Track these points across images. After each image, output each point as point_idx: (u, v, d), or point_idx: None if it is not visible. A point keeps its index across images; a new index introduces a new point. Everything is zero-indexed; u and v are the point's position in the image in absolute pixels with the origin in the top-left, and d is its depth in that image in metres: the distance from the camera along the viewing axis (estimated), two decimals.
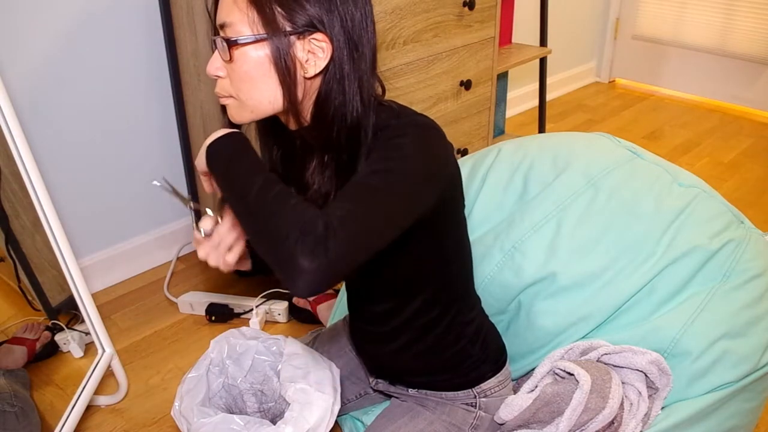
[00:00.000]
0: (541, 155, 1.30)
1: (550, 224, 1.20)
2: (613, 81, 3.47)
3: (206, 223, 0.90)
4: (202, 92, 1.68)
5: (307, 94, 0.87)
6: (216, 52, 0.85)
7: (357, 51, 0.84)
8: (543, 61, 2.38)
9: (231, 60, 0.83)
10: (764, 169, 2.47)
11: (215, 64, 0.86)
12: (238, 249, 0.90)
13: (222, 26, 0.83)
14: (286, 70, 0.82)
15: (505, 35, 2.35)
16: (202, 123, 1.73)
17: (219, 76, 0.87)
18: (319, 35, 0.82)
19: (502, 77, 2.37)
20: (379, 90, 0.92)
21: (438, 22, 1.72)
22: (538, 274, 1.17)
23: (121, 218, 1.84)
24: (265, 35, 0.81)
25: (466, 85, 1.88)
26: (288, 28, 0.81)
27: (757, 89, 2.95)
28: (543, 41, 2.38)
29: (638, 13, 3.23)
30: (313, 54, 0.83)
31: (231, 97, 0.87)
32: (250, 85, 0.84)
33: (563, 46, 3.16)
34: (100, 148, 1.73)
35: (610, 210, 1.19)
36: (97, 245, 1.82)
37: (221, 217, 0.90)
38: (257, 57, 0.82)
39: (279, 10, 0.80)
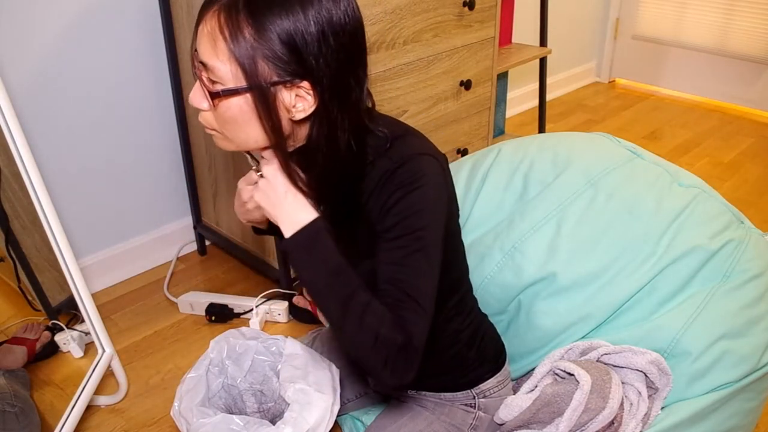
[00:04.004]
0: (541, 155, 1.30)
1: (550, 224, 1.20)
2: (613, 81, 3.47)
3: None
4: None
5: (295, 132, 0.85)
6: (198, 83, 0.82)
7: (347, 93, 0.82)
8: (543, 61, 2.38)
9: (213, 108, 0.81)
10: (764, 169, 2.47)
11: (198, 97, 0.82)
12: None
13: (203, 64, 0.79)
14: (270, 118, 0.80)
15: (505, 35, 2.35)
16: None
17: (203, 109, 0.83)
18: (305, 83, 0.78)
19: (502, 77, 2.37)
20: (369, 103, 0.90)
21: (438, 22, 1.72)
22: (538, 274, 1.17)
23: (121, 218, 1.84)
24: (248, 86, 0.77)
25: (466, 85, 1.88)
26: (274, 78, 0.77)
27: (757, 89, 2.95)
28: (543, 41, 2.37)
29: (638, 13, 3.23)
30: (301, 98, 0.80)
31: (215, 130, 0.85)
32: (235, 127, 0.82)
33: (563, 46, 3.16)
34: (101, 149, 1.73)
35: (610, 210, 1.19)
36: (97, 245, 1.82)
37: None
38: (240, 104, 0.79)
39: (262, 61, 0.76)
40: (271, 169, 0.86)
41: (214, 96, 0.79)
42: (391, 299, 0.82)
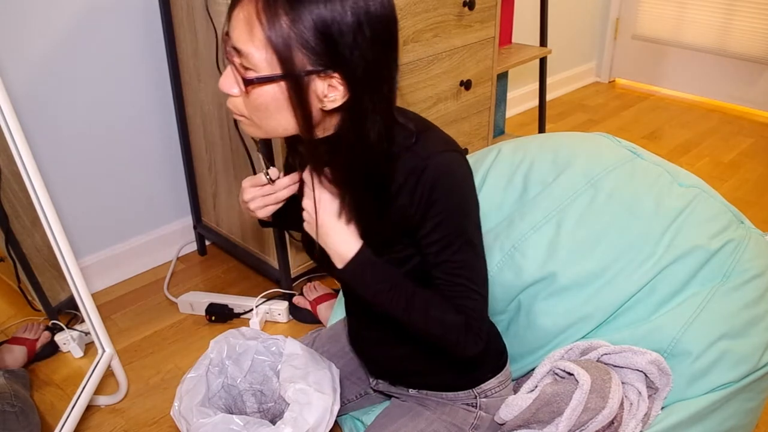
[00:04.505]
0: (541, 155, 1.30)
1: (550, 224, 1.20)
2: (613, 81, 3.47)
3: (274, 172, 0.99)
4: (202, 92, 1.68)
5: (325, 122, 0.85)
6: (229, 68, 0.82)
7: (379, 85, 0.81)
8: (543, 61, 2.38)
9: (245, 94, 0.81)
10: (764, 169, 2.47)
11: (229, 82, 0.82)
12: (275, 208, 1.01)
13: (236, 50, 0.79)
14: (302, 107, 0.80)
15: (505, 35, 2.35)
16: (202, 123, 1.73)
17: (233, 95, 0.83)
18: (338, 74, 0.78)
19: (502, 77, 2.37)
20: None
21: (438, 22, 1.72)
22: (537, 274, 1.17)
23: (121, 218, 1.84)
24: (282, 74, 0.77)
25: (466, 85, 1.88)
26: (308, 67, 0.77)
27: (757, 89, 2.95)
28: (543, 41, 2.37)
29: (638, 13, 3.23)
30: (333, 88, 0.80)
31: (244, 116, 0.85)
32: (266, 114, 0.82)
33: (563, 46, 3.16)
34: (100, 148, 1.73)
35: (610, 210, 1.19)
36: (97, 245, 1.82)
37: (282, 174, 1.00)
38: (273, 92, 0.79)
39: (297, 49, 0.76)
40: (311, 203, 0.92)
41: (248, 83, 0.79)
42: (449, 291, 0.92)
